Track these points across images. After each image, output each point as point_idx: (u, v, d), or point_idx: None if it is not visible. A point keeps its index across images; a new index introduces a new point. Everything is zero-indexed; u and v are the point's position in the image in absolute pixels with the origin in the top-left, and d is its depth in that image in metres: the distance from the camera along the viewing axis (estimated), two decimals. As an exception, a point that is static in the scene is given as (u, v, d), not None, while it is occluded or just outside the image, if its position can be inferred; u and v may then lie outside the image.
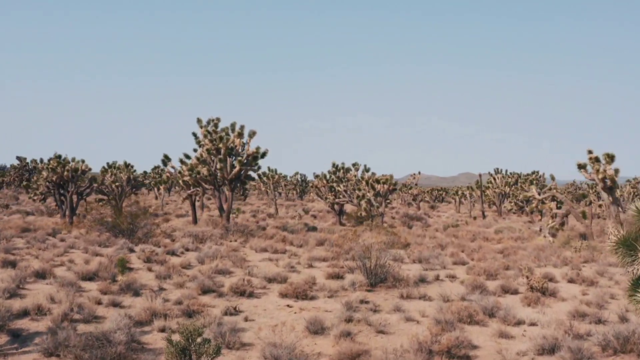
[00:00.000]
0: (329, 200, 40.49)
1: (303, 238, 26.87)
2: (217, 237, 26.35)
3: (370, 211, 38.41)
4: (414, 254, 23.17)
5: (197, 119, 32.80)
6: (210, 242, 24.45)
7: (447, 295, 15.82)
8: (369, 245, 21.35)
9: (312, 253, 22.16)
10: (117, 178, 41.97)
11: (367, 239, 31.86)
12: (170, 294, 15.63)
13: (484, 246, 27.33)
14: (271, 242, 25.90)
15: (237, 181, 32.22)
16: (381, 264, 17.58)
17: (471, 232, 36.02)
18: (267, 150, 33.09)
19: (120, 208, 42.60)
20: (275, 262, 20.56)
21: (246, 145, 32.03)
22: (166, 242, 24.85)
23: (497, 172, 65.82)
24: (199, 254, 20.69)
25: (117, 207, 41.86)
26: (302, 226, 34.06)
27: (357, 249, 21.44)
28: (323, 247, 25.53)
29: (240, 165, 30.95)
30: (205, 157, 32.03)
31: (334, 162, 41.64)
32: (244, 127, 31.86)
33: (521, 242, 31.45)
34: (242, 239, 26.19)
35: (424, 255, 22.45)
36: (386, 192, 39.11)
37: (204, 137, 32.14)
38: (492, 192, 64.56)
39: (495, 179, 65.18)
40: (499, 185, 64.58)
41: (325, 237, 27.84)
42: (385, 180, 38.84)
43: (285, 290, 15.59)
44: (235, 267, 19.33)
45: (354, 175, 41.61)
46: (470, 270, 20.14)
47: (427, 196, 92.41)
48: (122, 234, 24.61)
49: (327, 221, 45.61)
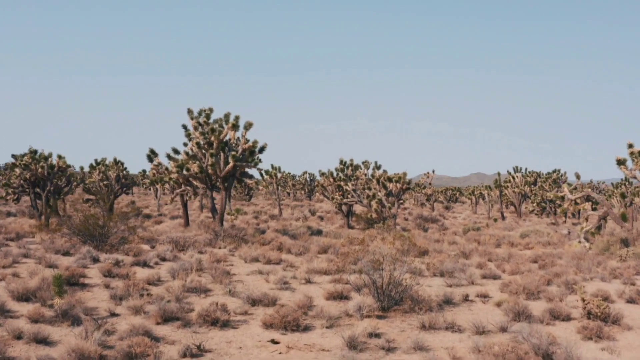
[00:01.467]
0: (336, 201, 36.77)
1: (303, 244, 23.18)
2: (204, 243, 22.72)
3: (381, 212, 34.68)
4: (434, 264, 19.45)
5: (187, 109, 29.20)
6: (193, 249, 20.79)
7: (482, 325, 12.10)
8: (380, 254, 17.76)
9: (311, 264, 18.45)
10: (106, 176, 38.48)
11: (378, 246, 28.18)
12: (122, 322, 12.00)
13: (514, 254, 23.52)
14: (266, 249, 22.26)
15: (231, 179, 28.59)
16: (396, 281, 13.87)
17: (494, 237, 32.21)
18: (266, 145, 29.44)
19: (110, 209, 39.13)
20: (266, 276, 16.86)
21: (242, 138, 28.39)
22: (144, 248, 21.27)
23: (516, 171, 61.78)
24: (174, 266, 17.05)
25: (105, 207, 38.40)
26: (305, 229, 30.37)
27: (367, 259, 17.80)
28: (326, 255, 21.85)
29: (234, 160, 27.30)
30: (196, 152, 28.41)
31: (341, 159, 37.92)
32: (239, 117, 28.23)
33: (553, 248, 27.64)
34: (233, 245, 22.53)
35: (447, 267, 18.72)
36: (399, 191, 35.36)
37: (194, 130, 28.53)
38: (511, 191, 60.52)
39: (514, 178, 61.15)
40: (518, 184, 60.55)
41: (330, 243, 24.15)
42: (398, 179, 35.09)
43: (271, 318, 11.89)
44: (215, 284, 15.66)
45: (363, 173, 37.87)
46: (505, 287, 16.35)
47: (441, 196, 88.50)
48: (92, 239, 21.01)
49: (334, 223, 41.90)
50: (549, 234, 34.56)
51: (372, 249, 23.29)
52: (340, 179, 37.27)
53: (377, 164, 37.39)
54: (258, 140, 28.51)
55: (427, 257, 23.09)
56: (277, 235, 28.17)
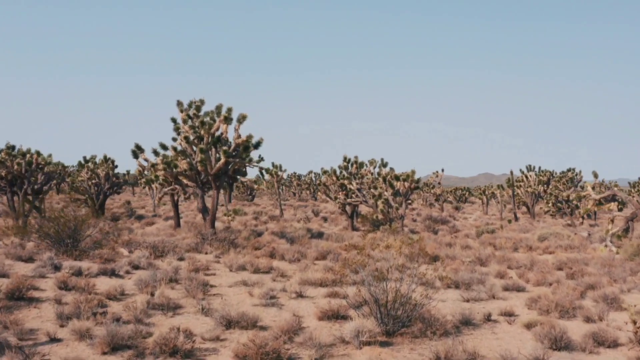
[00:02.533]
0: (339, 201, 34.29)
1: (300, 249, 20.73)
2: (188, 248, 20.32)
3: (388, 213, 32.19)
4: (447, 273, 16.95)
5: (177, 101, 26.82)
6: (173, 255, 18.35)
7: (511, 357, 9.61)
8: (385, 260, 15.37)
9: (306, 274, 15.97)
10: (95, 175, 36.16)
11: (383, 250, 25.68)
12: (61, 350, 9.61)
13: (536, 260, 20.97)
14: (258, 254, 19.85)
15: (224, 177, 26.16)
16: (403, 298, 11.38)
17: (511, 240, 29.65)
18: (262, 140, 26.99)
19: (100, 209, 36.78)
20: (252, 288, 14.41)
21: (235, 132, 25.97)
22: (123, 254, 18.90)
23: (529, 170, 59.06)
24: (146, 275, 14.63)
25: (94, 207, 36.09)
26: (304, 232, 27.92)
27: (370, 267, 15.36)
28: (325, 262, 19.40)
29: (225, 156, 24.87)
30: (185, 148, 26.01)
31: (345, 156, 35.38)
32: (232, 110, 25.81)
33: (576, 253, 25.06)
34: (220, 250, 20.09)
35: (462, 277, 16.20)
36: (407, 190, 32.85)
37: (183, 123, 26.14)
38: (524, 191, 57.80)
39: (527, 177, 58.43)
40: (531, 184, 57.84)
41: (330, 248, 21.70)
42: (406, 177, 32.58)
43: (244, 349, 9.41)
44: (188, 298, 13.24)
45: (369, 171, 35.36)
46: (532, 302, 13.83)
47: (450, 196, 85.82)
48: (62, 244, 18.61)
49: (338, 224, 39.45)
50: (569, 237, 31.97)
51: (377, 254, 20.86)
52: (343, 177, 34.78)
53: (384, 162, 34.92)
54: (253, 134, 26.09)
55: (438, 264, 20.63)
56: (274, 239, 25.77)
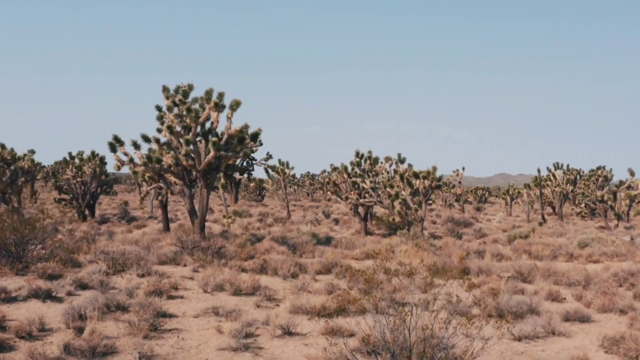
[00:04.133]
0: (351, 201, 30.45)
1: (299, 261, 16.96)
2: (162, 259, 16.63)
3: (406, 215, 28.35)
4: (483, 295, 13.13)
5: (162, 87, 23.19)
6: (136, 269, 14.60)
7: None
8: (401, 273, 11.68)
9: (300, 297, 12.20)
10: (80, 172, 32.64)
11: (402, 259, 21.83)
12: None
13: (589, 274, 17.03)
14: (247, 266, 16.12)
15: (214, 173, 22.49)
16: (435, 342, 7.58)
17: (548, 246, 25.68)
18: (260, 130, 23.34)
19: (89, 210, 33.26)
20: (224, 319, 10.65)
21: (227, 121, 22.30)
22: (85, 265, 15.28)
23: (557, 168, 54.78)
24: (86, 300, 10.95)
25: (79, 209, 32.58)
26: (310, 237, 24.14)
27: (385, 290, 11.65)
28: (329, 276, 15.64)
29: (215, 149, 21.19)
30: (170, 139, 22.37)
31: (357, 151, 31.52)
32: (224, 95, 22.12)
33: (628, 262, 21.08)
34: (199, 263, 16.34)
35: (507, 302, 12.33)
36: (427, 189, 28.99)
37: (168, 111, 22.49)
38: (551, 191, 53.57)
39: (554, 176, 54.18)
40: (559, 183, 53.60)
41: (337, 259, 17.89)
42: (427, 174, 28.72)
43: None
44: (130, 337, 9.52)
45: (384, 168, 31.51)
46: (610, 343, 9.96)
47: (471, 196, 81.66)
48: (8, 254, 14.98)
49: (350, 227, 35.61)
50: (614, 242, 27.93)
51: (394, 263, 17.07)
52: (356, 174, 30.94)
53: (401, 157, 31.04)
54: (248, 124, 22.40)
55: (469, 279, 16.81)
56: (273, 246, 22.05)
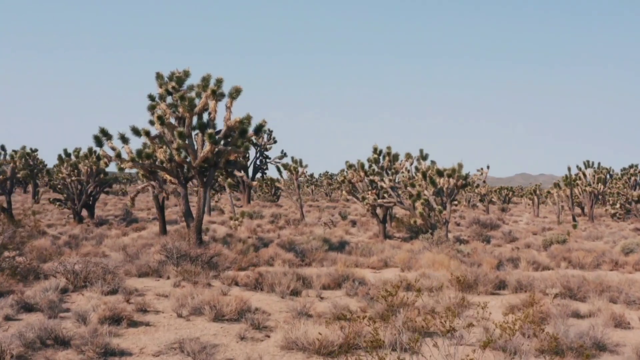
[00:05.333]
0: (368, 202, 27.69)
1: (303, 273, 14.24)
2: (143, 270, 14.05)
3: (428, 217, 25.58)
4: (527, 317, 10.33)
5: (156, 74, 20.70)
6: (102, 285, 11.98)
7: None
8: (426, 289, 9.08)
9: (297, 329, 9.46)
10: (76, 171, 30.29)
11: (426, 268, 19.08)
12: None
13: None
14: (241, 278, 13.46)
15: (212, 170, 19.92)
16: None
17: (590, 253, 22.76)
18: (264, 122, 20.72)
19: (81, 212, 30.91)
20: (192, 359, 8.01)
21: (226, 111, 19.74)
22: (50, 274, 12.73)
23: (587, 166, 51.54)
24: (21, 329, 8.39)
25: (74, 210, 30.22)
26: (321, 242, 21.45)
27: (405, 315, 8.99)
28: (339, 292, 12.95)
29: (211, 142, 18.62)
30: (161, 132, 19.84)
31: (375, 146, 28.75)
32: (222, 81, 19.55)
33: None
34: (182, 276, 13.69)
35: (563, 333, 9.53)
36: (452, 189, 26.19)
37: (160, 100, 19.96)
38: (582, 190, 50.37)
39: (584, 175, 50.92)
40: (590, 182, 50.34)
41: (348, 269, 15.14)
42: (452, 172, 25.92)
43: None
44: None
45: (404, 166, 28.72)
46: None
47: (494, 196, 78.34)
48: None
49: (369, 230, 32.88)
50: (663, 248, 24.90)
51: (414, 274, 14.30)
52: (373, 172, 28.18)
53: (423, 154, 28.25)
54: (251, 114, 19.81)
55: (506, 295, 14.05)
56: (278, 252, 19.45)
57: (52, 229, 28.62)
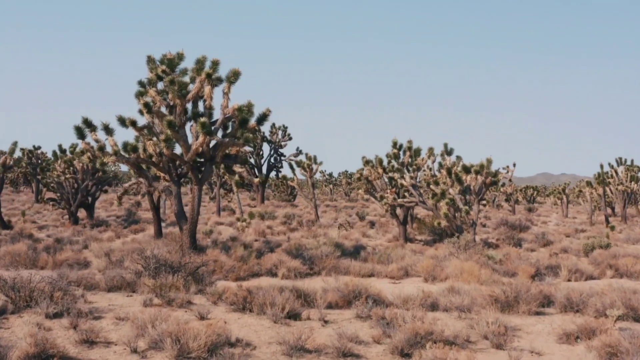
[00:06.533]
0: (387, 201, 25.11)
1: (305, 287, 11.70)
2: (108, 285, 11.66)
3: (454, 219, 22.98)
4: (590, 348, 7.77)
5: (147, 57, 18.38)
6: (47, 305, 9.56)
7: None
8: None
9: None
10: (72, 168, 28.12)
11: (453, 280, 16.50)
12: None
13: None
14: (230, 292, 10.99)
15: (209, 165, 17.54)
16: None
17: (637, 259, 20.00)
18: (269, 112, 18.26)
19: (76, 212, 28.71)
20: None
21: (224, 98, 17.34)
22: None
23: (619, 164, 48.45)
24: None
25: (70, 210, 28.03)
26: (331, 248, 18.93)
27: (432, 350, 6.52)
28: (348, 314, 10.44)
29: (204, 132, 16.21)
30: (150, 121, 17.51)
31: (395, 141, 26.12)
32: (219, 64, 17.14)
33: None
34: (157, 291, 11.24)
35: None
36: (481, 187, 23.57)
37: (150, 85, 17.61)
38: (614, 189, 47.29)
39: (617, 172, 47.81)
40: (622, 180, 47.25)
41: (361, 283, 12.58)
42: (480, 168, 23.30)
43: None
44: None
45: (425, 162, 26.11)
46: None
47: (520, 196, 75.16)
48: None
49: (388, 232, 30.28)
50: None
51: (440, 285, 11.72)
52: (393, 169, 25.58)
53: (448, 148, 25.62)
54: (253, 102, 17.39)
55: (554, 314, 11.48)
56: (283, 259, 16.98)
57: (43, 231, 26.48)
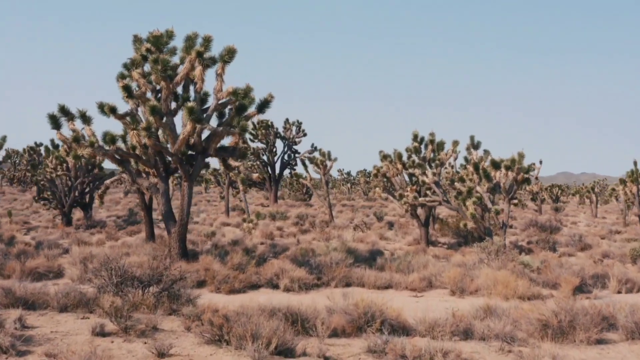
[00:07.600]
0: (406, 201, 22.60)
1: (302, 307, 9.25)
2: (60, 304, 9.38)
3: (482, 220, 20.41)
4: None
5: (133, 36, 16.09)
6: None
7: None
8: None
9: None
10: (63, 164, 25.98)
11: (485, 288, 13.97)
12: None
13: None
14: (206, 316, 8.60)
15: (200, 158, 15.22)
16: None
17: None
18: (271, 97, 15.87)
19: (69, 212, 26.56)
20: None
21: (217, 81, 15.00)
22: None
23: (649, 160, 45.36)
24: None
25: (62, 210, 25.88)
26: (343, 255, 16.49)
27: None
28: (357, 346, 8.01)
29: (192, 119, 13.89)
30: (132, 108, 15.23)
31: (416, 133, 23.56)
32: (211, 40, 14.81)
33: None
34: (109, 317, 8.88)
35: None
36: (512, 184, 21.00)
37: (134, 67, 15.32)
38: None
39: (647, 169, 44.74)
40: (655, 178, 44.17)
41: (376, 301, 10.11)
42: (511, 163, 20.73)
43: None
44: None
45: (450, 156, 23.60)
46: None
47: (545, 194, 72.05)
48: None
49: (408, 233, 27.73)
50: None
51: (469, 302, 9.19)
52: (413, 164, 23.07)
53: (474, 141, 23.05)
54: (252, 85, 15.06)
55: (618, 343, 9.00)
56: (286, 268, 14.56)
57: (31, 233, 24.38)
